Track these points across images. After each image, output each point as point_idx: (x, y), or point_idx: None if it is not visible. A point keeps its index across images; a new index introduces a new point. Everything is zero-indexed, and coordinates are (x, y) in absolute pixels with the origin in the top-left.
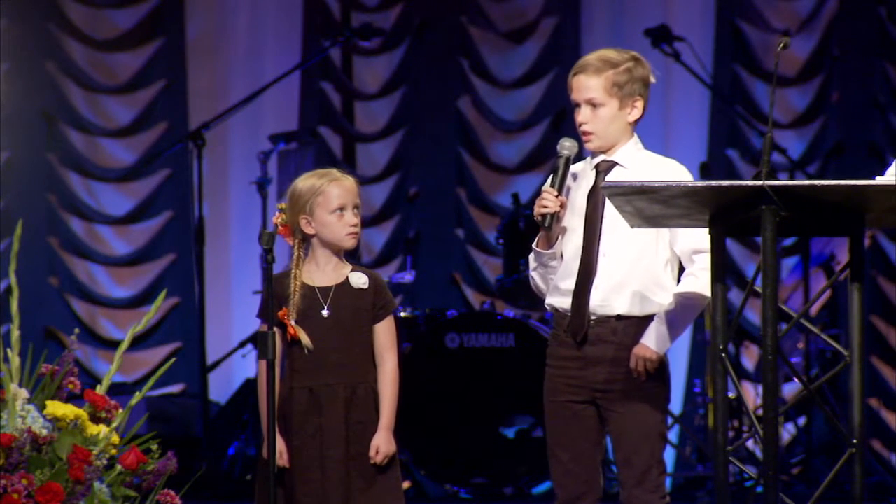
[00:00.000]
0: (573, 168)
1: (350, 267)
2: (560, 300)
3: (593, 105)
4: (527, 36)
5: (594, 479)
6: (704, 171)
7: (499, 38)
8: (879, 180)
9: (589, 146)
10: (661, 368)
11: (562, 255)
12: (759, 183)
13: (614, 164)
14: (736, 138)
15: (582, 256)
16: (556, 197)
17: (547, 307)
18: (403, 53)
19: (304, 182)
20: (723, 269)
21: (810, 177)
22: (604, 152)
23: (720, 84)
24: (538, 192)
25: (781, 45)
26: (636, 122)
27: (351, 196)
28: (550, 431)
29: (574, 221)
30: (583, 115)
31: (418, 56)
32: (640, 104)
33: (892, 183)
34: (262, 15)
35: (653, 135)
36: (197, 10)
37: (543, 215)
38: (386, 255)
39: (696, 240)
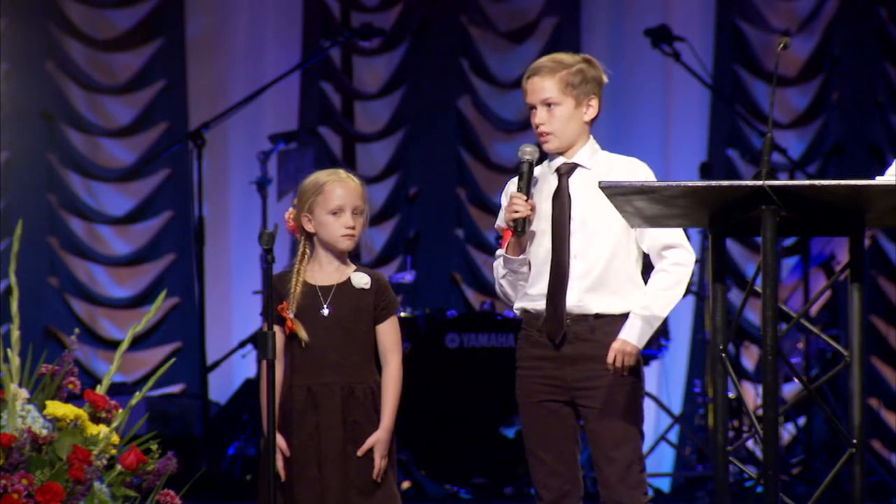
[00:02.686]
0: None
1: (353, 267)
2: (532, 304)
3: (549, 105)
4: (527, 36)
5: (577, 478)
6: (704, 171)
7: (499, 38)
8: (879, 180)
9: (547, 147)
10: (637, 365)
11: (530, 262)
12: (759, 183)
13: (576, 165)
14: (736, 138)
15: (553, 259)
16: (526, 201)
17: (516, 311)
18: (403, 53)
19: (310, 179)
20: (723, 269)
21: (810, 177)
22: (562, 154)
23: (720, 84)
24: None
25: (781, 45)
26: (592, 121)
27: (351, 198)
28: (529, 433)
29: (540, 226)
30: (539, 117)
31: (418, 56)
32: (595, 103)
33: (892, 183)
34: (262, 15)
35: (653, 135)
36: (197, 10)
37: (516, 220)
38: (386, 255)
39: (664, 235)
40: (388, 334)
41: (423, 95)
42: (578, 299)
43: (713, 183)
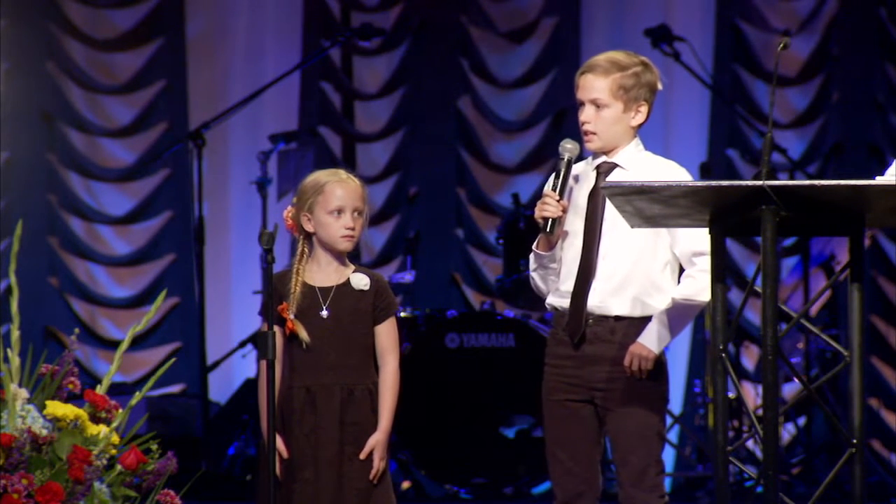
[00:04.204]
0: (574, 169)
1: (353, 268)
2: (560, 300)
3: (597, 106)
4: (527, 36)
5: (593, 479)
6: (704, 171)
7: (499, 38)
8: (879, 180)
9: (589, 146)
10: (658, 368)
11: (562, 257)
12: (759, 183)
13: (615, 165)
14: (736, 138)
15: (581, 257)
16: (558, 201)
17: (547, 306)
18: (403, 53)
19: (310, 179)
20: (723, 269)
21: (810, 177)
22: (605, 153)
23: (720, 84)
24: (539, 193)
25: (781, 45)
26: (639, 126)
27: (351, 199)
28: (549, 431)
29: (576, 223)
30: (586, 115)
31: (418, 56)
32: (644, 109)
33: (892, 183)
34: (262, 15)
35: (653, 135)
36: (197, 10)
37: (545, 219)
38: (386, 255)
39: (695, 242)
40: (387, 335)
41: (423, 95)
42: (601, 300)
43: (713, 183)
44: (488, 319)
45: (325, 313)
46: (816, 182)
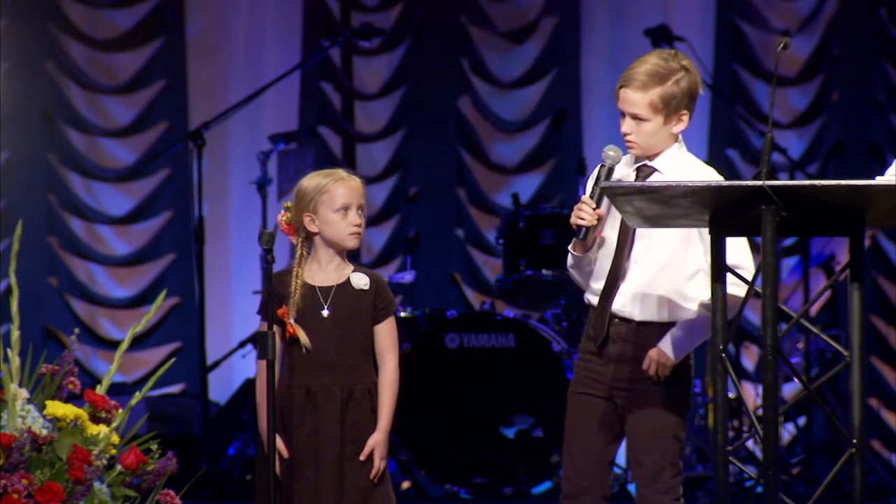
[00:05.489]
0: (615, 171)
1: (352, 267)
2: (593, 298)
3: (638, 119)
4: (527, 36)
5: (601, 477)
6: None
7: (499, 38)
8: (879, 180)
9: (631, 152)
10: (682, 372)
11: (597, 256)
12: (759, 183)
13: (654, 170)
14: (736, 138)
15: (613, 260)
16: (594, 210)
17: (585, 301)
18: (403, 53)
19: (310, 180)
20: (722, 269)
21: (810, 177)
22: (646, 158)
23: (720, 84)
24: (539, 193)
25: (781, 45)
26: (681, 131)
27: (355, 196)
28: (567, 423)
29: (614, 223)
30: (627, 126)
31: (418, 56)
32: (686, 118)
33: (892, 183)
34: (262, 15)
35: None
36: (197, 10)
37: (579, 227)
38: (386, 255)
39: (728, 253)
40: (386, 335)
41: (423, 95)
42: (624, 304)
43: (713, 183)
44: (488, 319)
45: (325, 312)
46: (816, 182)
